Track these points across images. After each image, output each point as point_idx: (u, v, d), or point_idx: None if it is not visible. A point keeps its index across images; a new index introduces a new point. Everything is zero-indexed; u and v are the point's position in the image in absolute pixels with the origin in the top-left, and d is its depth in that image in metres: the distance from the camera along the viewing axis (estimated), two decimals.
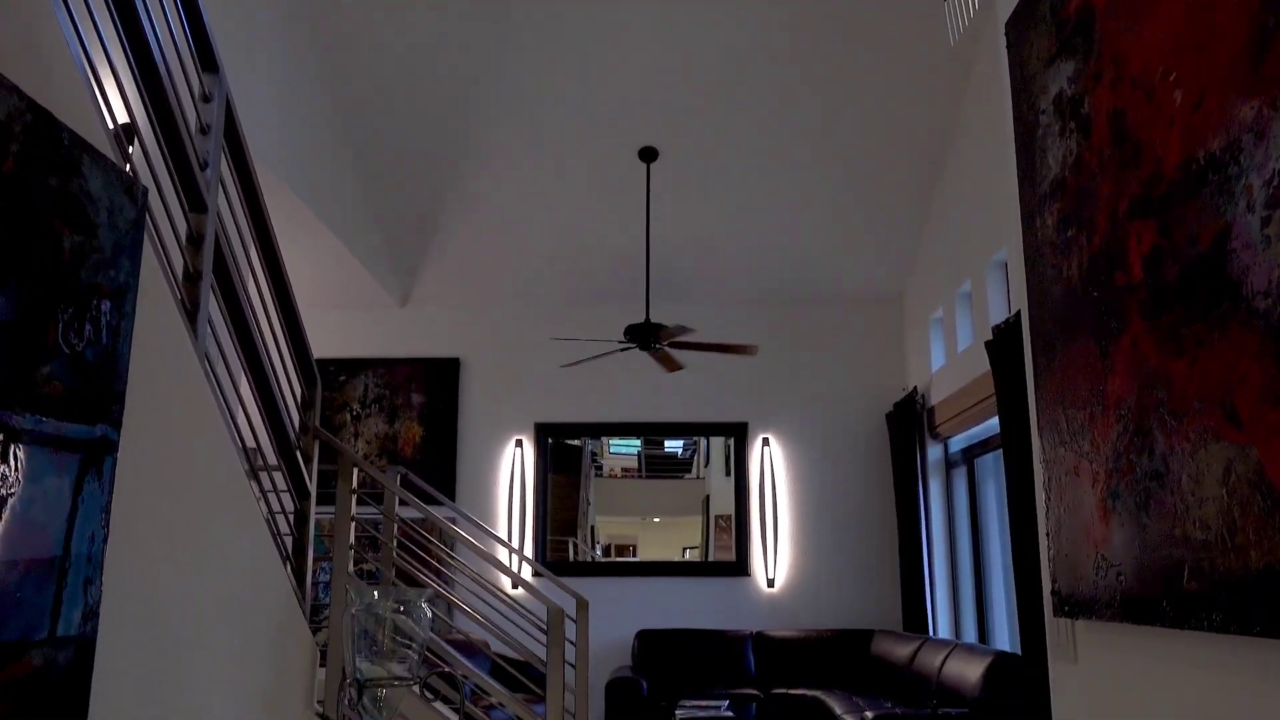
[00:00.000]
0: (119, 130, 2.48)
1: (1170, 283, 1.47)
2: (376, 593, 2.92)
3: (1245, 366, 1.28)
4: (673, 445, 9.28)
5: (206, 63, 2.96)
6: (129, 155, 2.64)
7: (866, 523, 7.95)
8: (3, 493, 1.63)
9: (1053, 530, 1.90)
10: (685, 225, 7.56)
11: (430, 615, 3.01)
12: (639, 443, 9.15)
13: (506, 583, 6.88)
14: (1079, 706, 1.89)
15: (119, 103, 2.50)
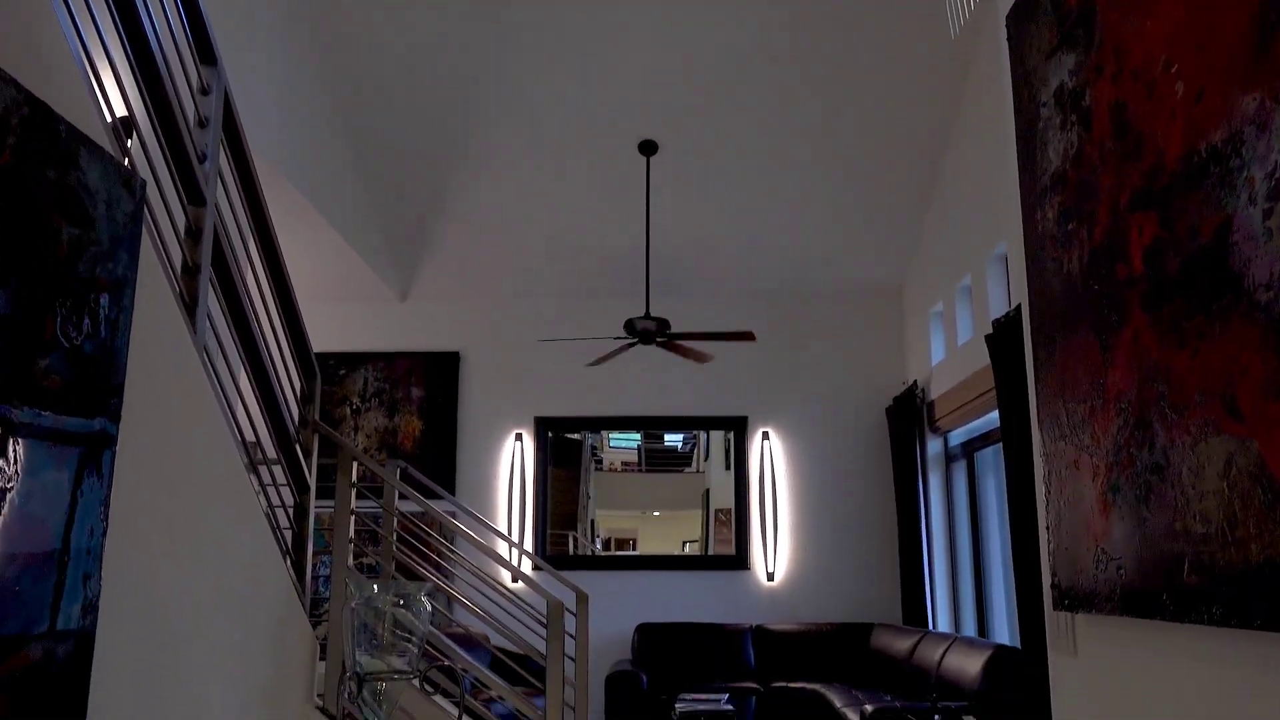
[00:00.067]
0: (117, 123, 2.47)
1: (1171, 275, 1.47)
2: (376, 586, 2.93)
3: (1246, 359, 1.28)
4: (673, 439, 9.28)
5: (205, 55, 2.96)
6: (128, 149, 2.63)
7: (866, 516, 7.95)
8: (1, 486, 1.63)
9: (1053, 524, 1.90)
10: (685, 219, 7.55)
11: (430, 609, 3.01)
12: (639, 436, 9.15)
13: (506, 576, 6.88)
14: (1079, 700, 1.89)
15: (117, 96, 2.49)
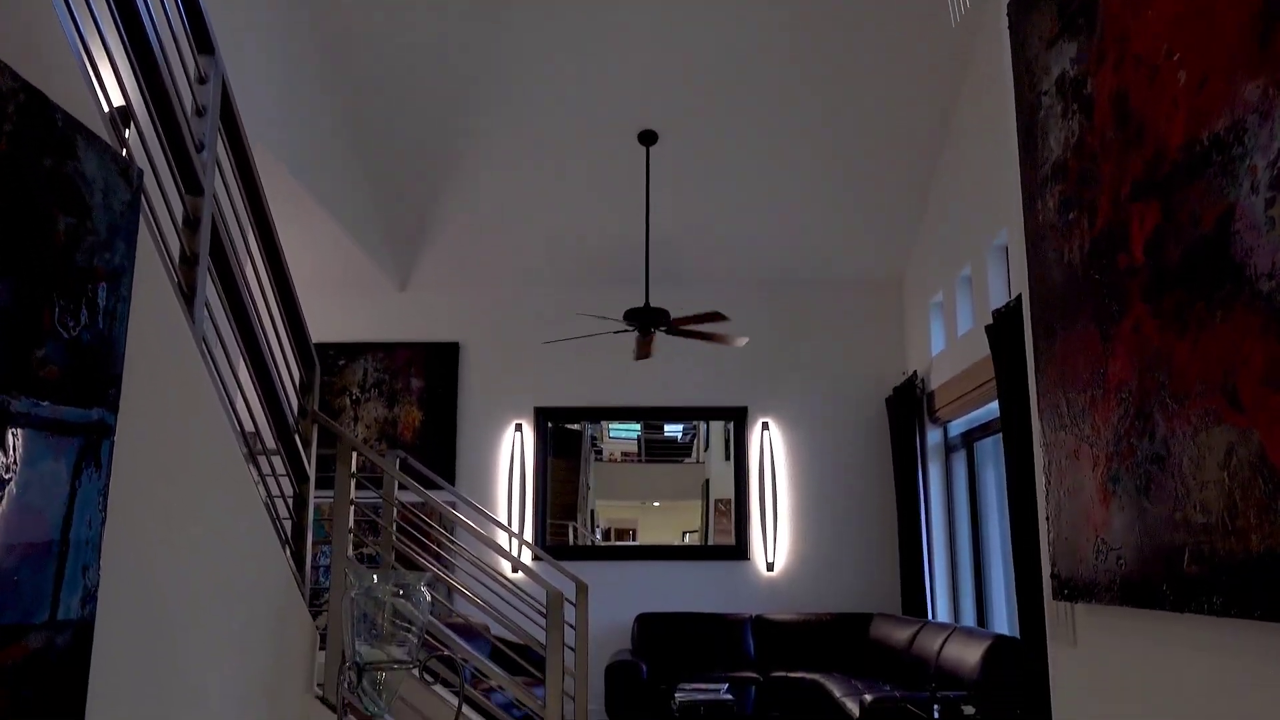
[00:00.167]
0: (114, 113, 2.46)
1: (1172, 265, 1.46)
2: (376, 576, 2.93)
3: (1248, 349, 1.27)
4: (672, 429, 9.28)
5: (202, 44, 2.94)
6: (125, 139, 2.62)
7: (866, 507, 7.96)
8: None
9: (1053, 514, 1.90)
10: (684, 209, 7.54)
11: (430, 599, 3.01)
12: (639, 427, 9.15)
13: (506, 567, 6.89)
14: (1078, 689, 1.89)
15: (114, 86, 2.48)
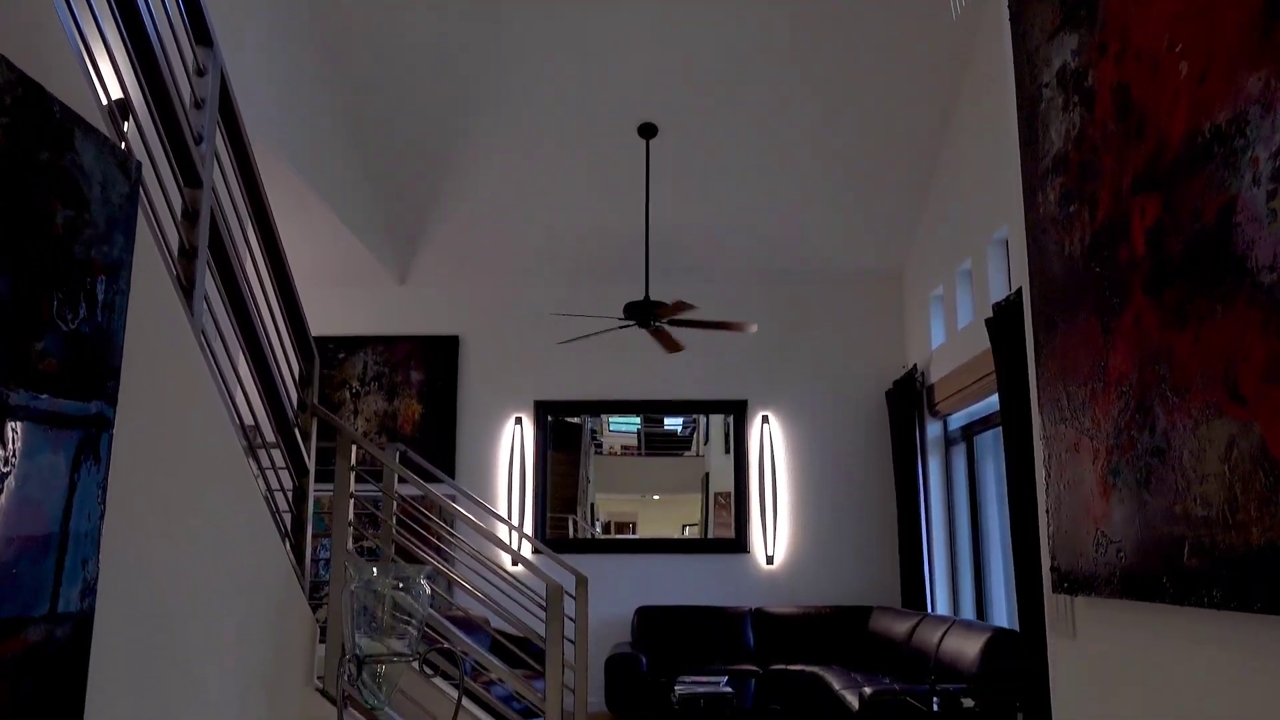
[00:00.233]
0: (113, 106, 2.45)
1: (1174, 258, 1.46)
2: (375, 569, 2.93)
3: (1249, 342, 1.27)
4: (672, 423, 9.28)
5: (200, 36, 2.93)
6: (124, 132, 2.62)
7: (865, 500, 7.96)
8: None
9: (1052, 507, 1.89)
10: (684, 202, 7.53)
11: (429, 592, 3.01)
12: (638, 420, 9.15)
13: (506, 560, 6.90)
14: (1077, 682, 1.89)
15: (113, 79, 2.47)
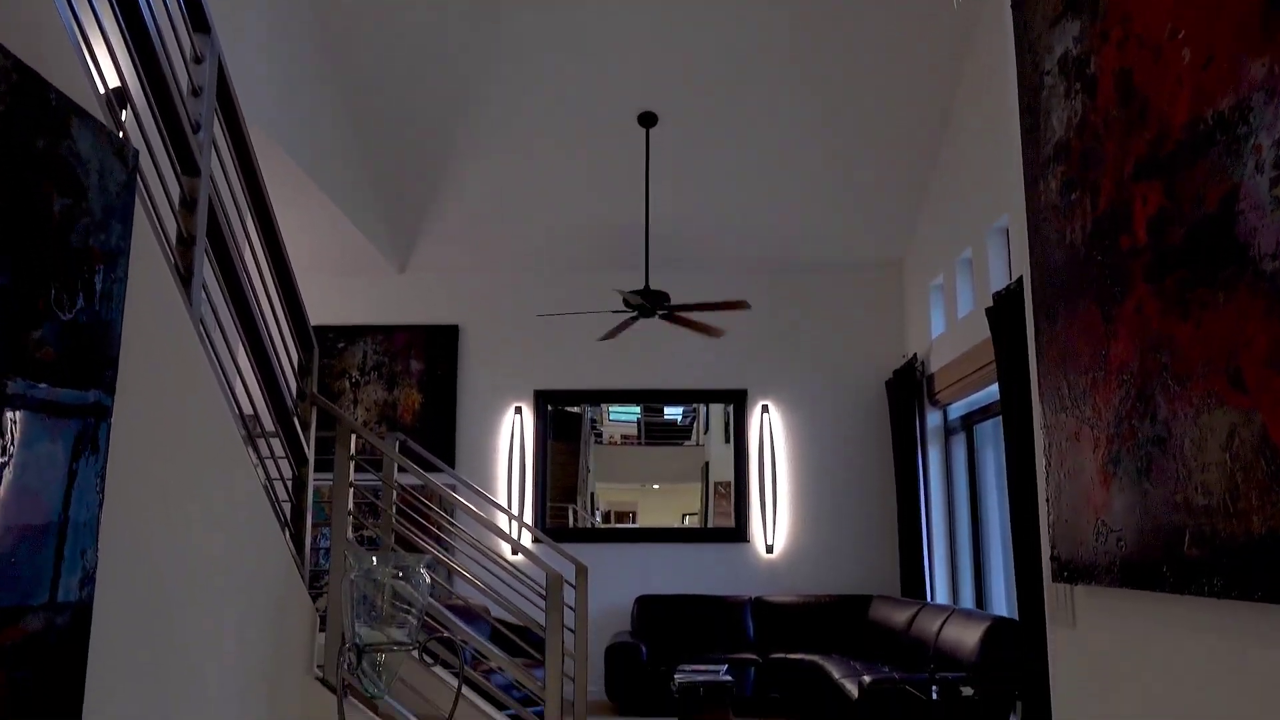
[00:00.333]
0: (110, 94, 2.44)
1: (1175, 245, 1.45)
2: (375, 559, 2.93)
3: (1251, 330, 1.26)
4: (672, 412, 9.27)
5: (198, 23, 2.92)
6: (121, 122, 2.60)
7: (865, 489, 7.97)
8: None
9: (1053, 496, 1.89)
10: (685, 191, 7.51)
11: (429, 581, 3.01)
12: (638, 410, 9.14)
13: (506, 549, 6.90)
14: (1077, 671, 1.89)
15: (109, 66, 2.46)
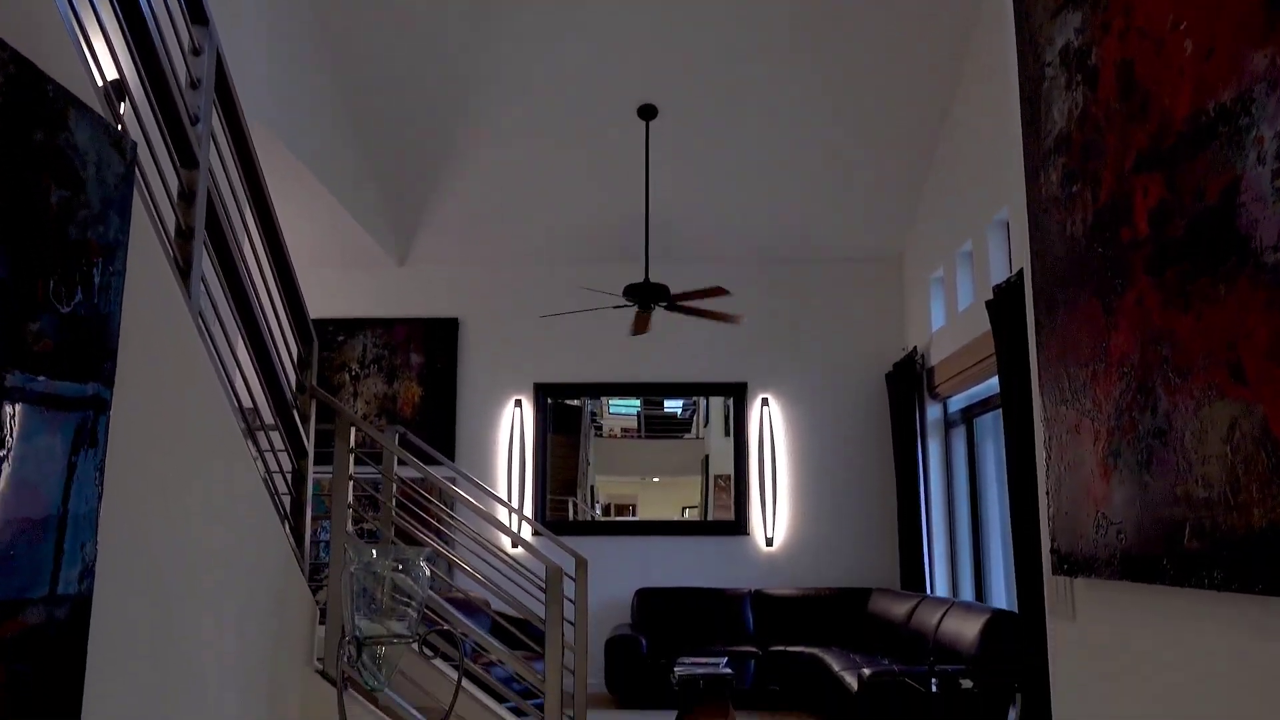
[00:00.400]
0: (108, 87, 2.43)
1: (1177, 238, 1.45)
2: (375, 551, 2.93)
3: (1252, 322, 1.26)
4: (672, 405, 9.28)
5: (196, 15, 2.91)
6: (120, 115, 2.60)
7: (865, 482, 7.97)
8: None
9: (1053, 489, 1.89)
10: (684, 184, 7.50)
11: (429, 573, 3.02)
12: (638, 403, 9.15)
13: (506, 542, 6.91)
14: (1076, 663, 1.89)
15: (107, 58, 2.45)
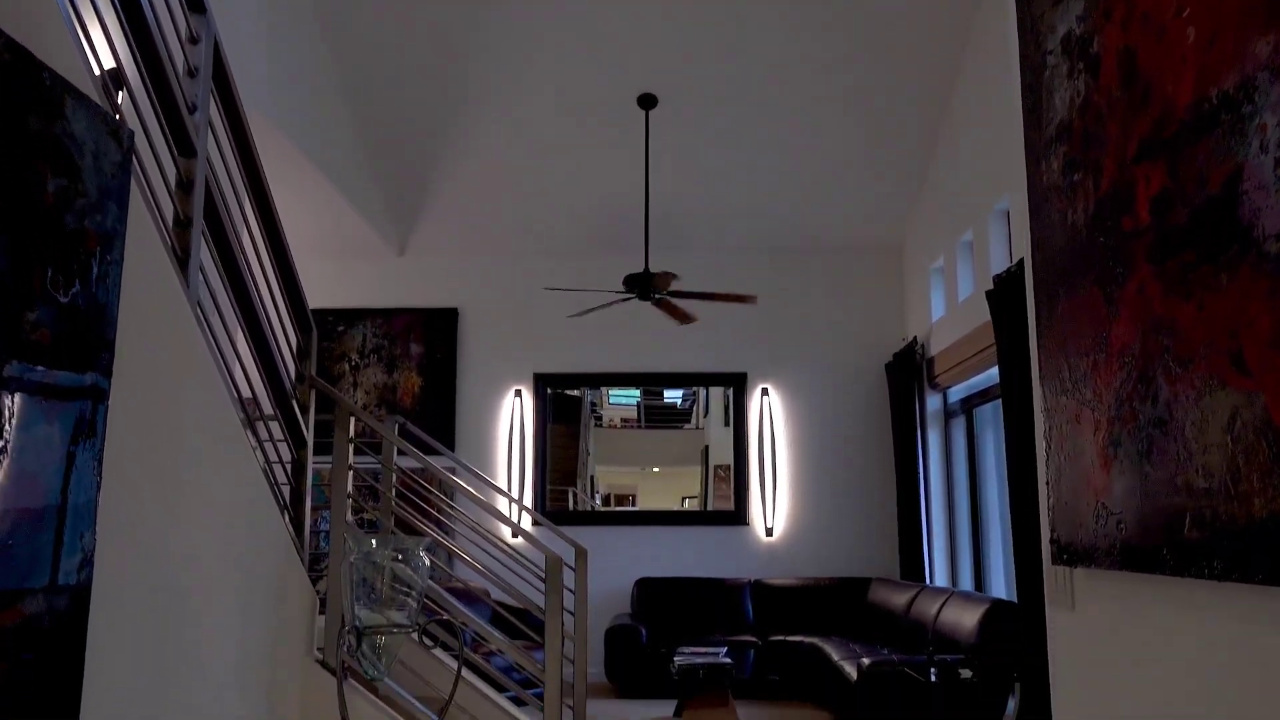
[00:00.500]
0: (105, 76, 2.42)
1: (1179, 226, 1.44)
2: (375, 541, 2.93)
3: (1254, 311, 1.25)
4: (672, 395, 9.27)
5: (193, 3, 2.89)
6: (117, 104, 2.58)
7: (865, 472, 7.97)
8: None
9: (1053, 479, 1.88)
10: (684, 173, 7.48)
11: (429, 563, 3.02)
12: (638, 393, 9.14)
13: (506, 532, 6.91)
14: (1076, 653, 1.89)
15: (104, 48, 2.44)
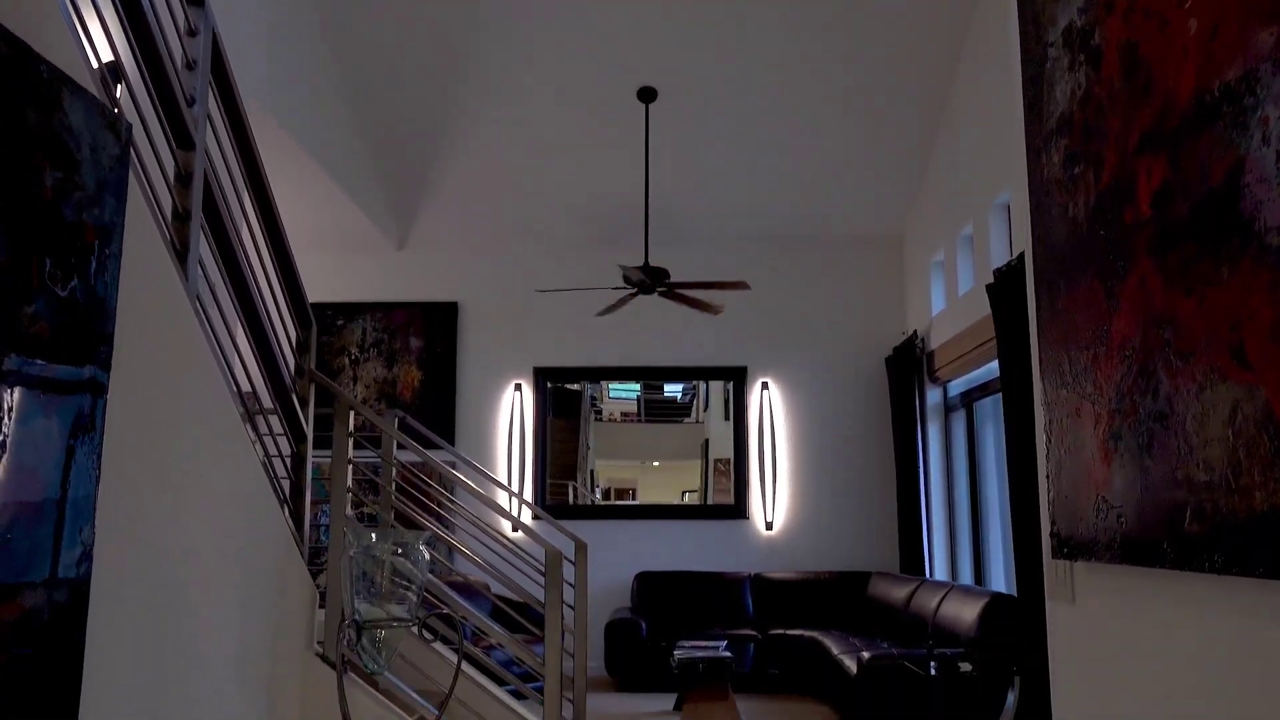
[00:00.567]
0: (104, 69, 2.41)
1: (1180, 219, 1.43)
2: (375, 535, 2.93)
3: (1255, 305, 1.25)
4: (672, 389, 9.28)
5: None
6: (115, 97, 2.58)
7: (865, 466, 7.97)
8: None
9: (1053, 472, 1.88)
10: (684, 167, 7.47)
11: (429, 557, 3.02)
12: (638, 387, 9.15)
13: (506, 526, 6.91)
14: (1076, 646, 1.89)
15: (103, 40, 2.43)
